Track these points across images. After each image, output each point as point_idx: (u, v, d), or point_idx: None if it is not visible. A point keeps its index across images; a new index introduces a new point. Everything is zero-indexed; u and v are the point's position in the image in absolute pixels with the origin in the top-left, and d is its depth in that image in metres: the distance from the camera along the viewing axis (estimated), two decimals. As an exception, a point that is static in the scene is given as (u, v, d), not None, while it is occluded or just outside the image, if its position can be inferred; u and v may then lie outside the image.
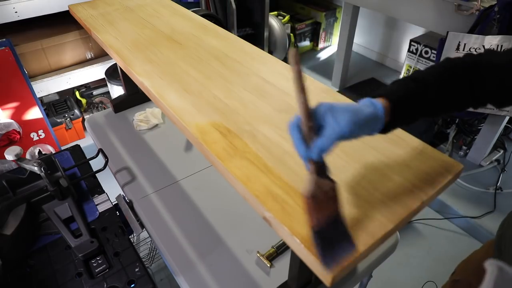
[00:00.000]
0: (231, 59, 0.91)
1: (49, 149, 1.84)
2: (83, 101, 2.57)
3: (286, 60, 3.23)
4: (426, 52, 2.36)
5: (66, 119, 2.36)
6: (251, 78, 0.83)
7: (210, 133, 0.67)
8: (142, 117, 1.27)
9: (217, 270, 0.82)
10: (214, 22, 1.14)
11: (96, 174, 1.04)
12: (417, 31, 2.73)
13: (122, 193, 1.05)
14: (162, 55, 0.92)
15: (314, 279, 0.74)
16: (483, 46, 1.65)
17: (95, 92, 2.61)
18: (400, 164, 0.60)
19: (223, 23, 2.56)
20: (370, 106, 0.50)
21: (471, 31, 1.70)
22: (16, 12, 1.95)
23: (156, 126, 1.27)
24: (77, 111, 2.41)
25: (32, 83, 2.00)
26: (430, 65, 0.59)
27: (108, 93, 2.55)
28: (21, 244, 0.85)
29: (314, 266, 0.47)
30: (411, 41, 2.43)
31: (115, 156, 1.14)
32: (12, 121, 1.91)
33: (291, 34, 3.23)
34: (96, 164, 1.05)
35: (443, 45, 1.80)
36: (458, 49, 1.75)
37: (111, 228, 0.91)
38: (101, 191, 1.02)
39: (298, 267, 0.67)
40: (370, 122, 0.49)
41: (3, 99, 1.87)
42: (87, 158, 1.08)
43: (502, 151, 2.19)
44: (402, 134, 0.67)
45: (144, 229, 0.95)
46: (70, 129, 2.40)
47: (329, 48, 3.64)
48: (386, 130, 0.53)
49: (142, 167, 1.10)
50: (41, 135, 2.07)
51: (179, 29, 1.06)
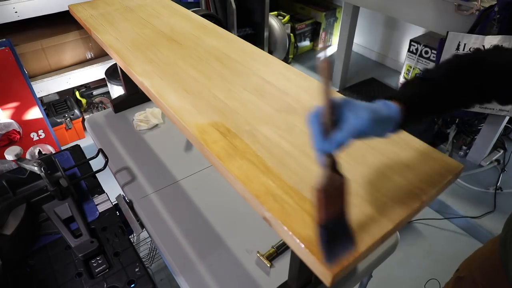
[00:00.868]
0: (231, 59, 0.91)
1: (49, 149, 1.84)
2: (83, 101, 2.57)
3: (286, 60, 3.24)
4: (426, 52, 2.36)
5: (66, 119, 2.36)
6: (251, 78, 0.83)
7: (210, 133, 0.67)
8: (142, 117, 1.27)
9: (217, 270, 0.82)
10: (214, 22, 1.14)
11: (96, 174, 1.04)
12: (417, 31, 2.73)
13: (122, 193, 1.05)
14: (162, 55, 0.92)
15: (314, 279, 0.74)
16: (483, 46, 1.65)
17: (95, 92, 2.61)
18: (400, 164, 0.60)
19: (223, 23, 2.56)
20: (386, 107, 0.50)
21: (471, 31, 1.70)
22: (16, 12, 1.95)
23: (156, 126, 1.27)
24: (77, 111, 2.41)
25: (32, 83, 2.00)
26: (439, 63, 0.59)
27: (108, 93, 2.55)
28: (21, 244, 0.85)
29: (314, 266, 0.47)
30: (411, 41, 2.43)
31: (115, 156, 1.14)
32: (12, 121, 1.91)
33: (291, 34, 3.23)
34: (96, 164, 1.05)
35: (443, 45, 1.80)
36: (458, 49, 1.75)
37: (111, 228, 0.91)
38: (101, 191, 1.02)
39: (298, 267, 0.67)
40: (385, 122, 0.50)
41: (3, 99, 1.87)
42: (87, 158, 1.08)
43: (502, 151, 2.19)
44: (402, 134, 0.67)
45: (144, 229, 0.95)
46: (70, 129, 2.40)
47: (329, 48, 3.64)
48: (395, 130, 0.53)
49: (142, 167, 1.10)
50: (41, 135, 2.07)
51: (179, 29, 1.06)
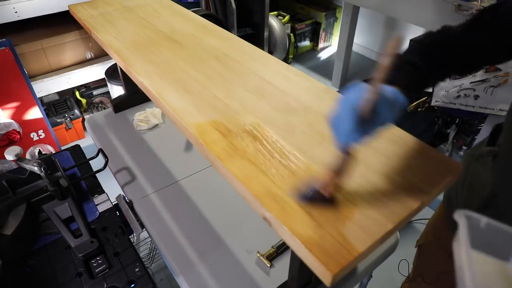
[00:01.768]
0: (231, 59, 0.91)
1: (49, 149, 1.85)
2: (83, 101, 2.57)
3: (286, 60, 3.24)
4: (426, 52, 2.36)
5: (66, 119, 2.36)
6: (251, 78, 0.83)
7: (210, 133, 0.67)
8: (142, 117, 1.27)
9: (217, 270, 0.82)
10: (214, 22, 1.14)
11: (96, 174, 1.04)
12: (417, 31, 2.73)
13: (122, 193, 1.05)
14: (162, 55, 0.92)
15: (314, 279, 0.74)
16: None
17: (95, 92, 2.61)
18: (400, 164, 0.60)
19: (223, 23, 2.56)
20: (398, 96, 0.50)
21: (471, 31, 1.69)
22: (16, 12, 1.95)
23: (156, 126, 1.27)
24: (77, 111, 2.41)
25: (32, 83, 2.00)
26: (405, 49, 0.65)
27: (108, 93, 2.55)
28: (21, 244, 0.85)
29: (314, 266, 0.47)
30: (411, 41, 2.43)
31: (115, 156, 1.14)
32: (12, 121, 1.91)
33: (291, 34, 3.23)
34: (96, 164, 1.05)
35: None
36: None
37: (111, 228, 0.91)
38: (101, 191, 1.02)
39: (298, 267, 0.67)
40: (399, 110, 0.51)
41: (3, 99, 1.87)
42: (87, 158, 1.08)
43: (502, 151, 2.18)
44: (402, 134, 0.67)
45: (144, 229, 0.95)
46: (70, 129, 2.40)
47: (329, 48, 3.64)
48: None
49: (142, 167, 1.10)
50: (41, 135, 2.07)
51: (179, 29, 1.06)
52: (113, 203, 0.99)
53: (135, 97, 1.34)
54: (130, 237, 0.91)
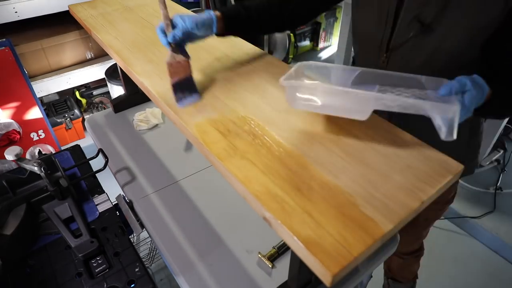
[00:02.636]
0: (231, 59, 0.91)
1: (49, 149, 1.85)
2: (83, 101, 2.57)
3: (286, 60, 3.24)
4: (426, 52, 2.36)
5: (66, 119, 2.36)
6: (251, 78, 0.83)
7: (210, 133, 0.67)
8: (142, 117, 1.27)
9: (217, 270, 0.82)
10: (214, 22, 1.14)
11: (96, 174, 1.04)
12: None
13: (122, 193, 1.05)
14: (162, 55, 0.92)
15: (314, 279, 0.74)
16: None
17: (95, 92, 2.61)
18: (400, 164, 0.60)
19: (223, 23, 2.56)
20: (207, 14, 0.76)
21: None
22: (16, 12, 1.95)
23: (156, 126, 1.27)
24: (77, 111, 2.41)
25: (32, 83, 2.00)
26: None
27: (108, 93, 2.55)
28: (21, 244, 0.85)
29: (314, 266, 0.47)
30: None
31: (115, 156, 1.14)
32: (12, 121, 1.91)
33: (291, 34, 3.23)
34: (96, 164, 1.05)
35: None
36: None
37: (111, 228, 0.91)
38: (101, 191, 1.02)
39: (298, 267, 0.67)
40: (206, 24, 0.76)
41: (3, 99, 1.87)
42: (87, 158, 1.08)
43: (502, 151, 2.19)
44: (402, 134, 0.67)
45: (144, 229, 0.95)
46: (70, 129, 2.40)
47: (329, 48, 3.64)
48: (222, 35, 0.82)
49: (142, 167, 1.10)
50: (41, 135, 2.07)
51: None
52: (113, 203, 0.99)
53: (135, 97, 1.34)
54: (130, 237, 0.91)
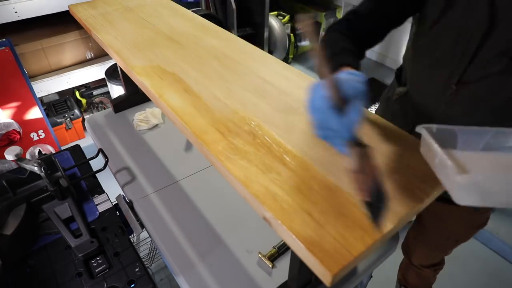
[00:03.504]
0: (231, 59, 0.91)
1: (49, 149, 1.85)
2: (83, 101, 2.57)
3: (286, 60, 3.24)
4: (426, 52, 2.36)
5: (66, 119, 2.36)
6: (251, 78, 0.83)
7: (210, 133, 0.67)
8: (142, 117, 1.27)
9: (217, 270, 0.82)
10: (214, 22, 1.14)
11: (96, 174, 1.04)
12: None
13: (122, 193, 1.05)
14: (162, 55, 0.92)
15: (314, 279, 0.74)
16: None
17: (95, 92, 2.61)
18: (400, 164, 0.60)
19: (223, 23, 2.56)
20: (356, 73, 0.53)
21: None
22: (16, 12, 1.95)
23: (156, 126, 1.27)
24: (77, 111, 2.41)
25: (32, 83, 2.00)
26: (328, 39, 0.73)
27: (108, 93, 2.55)
28: (21, 244, 0.85)
29: (314, 266, 0.47)
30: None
31: (115, 156, 1.14)
32: (12, 121, 1.91)
33: (291, 34, 3.23)
34: (96, 164, 1.05)
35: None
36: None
37: (111, 228, 0.91)
38: (101, 191, 1.02)
39: (298, 267, 0.67)
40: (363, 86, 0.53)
41: (3, 99, 1.87)
42: (87, 158, 1.08)
43: (502, 151, 2.18)
44: (402, 134, 0.67)
45: (144, 229, 0.95)
46: (70, 129, 2.40)
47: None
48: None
49: (142, 167, 1.10)
50: (41, 135, 2.07)
51: (179, 29, 1.06)
52: (113, 203, 0.99)
53: (135, 97, 1.34)
54: (130, 237, 0.91)
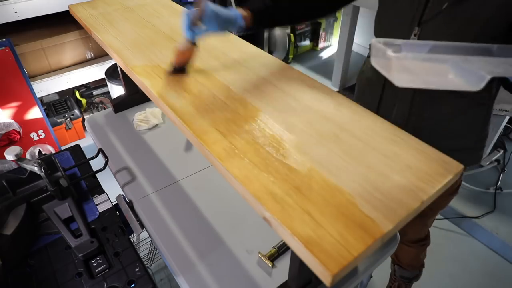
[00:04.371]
0: (231, 59, 0.91)
1: (49, 149, 1.85)
2: (83, 101, 2.57)
3: (286, 60, 3.24)
4: (426, 52, 2.36)
5: (66, 119, 2.36)
6: (251, 78, 0.83)
7: (210, 133, 0.67)
8: (142, 117, 1.27)
9: (217, 270, 0.82)
10: (214, 22, 1.14)
11: (96, 174, 1.04)
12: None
13: (122, 193, 1.05)
14: (162, 55, 0.92)
15: (314, 279, 0.74)
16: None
17: (95, 92, 2.61)
18: (400, 164, 0.60)
19: (223, 23, 2.56)
20: (234, 13, 0.79)
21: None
22: (16, 12, 1.95)
23: (156, 126, 1.27)
24: (77, 111, 2.41)
25: (32, 83, 2.00)
26: None
27: (108, 93, 2.55)
28: (21, 244, 0.85)
29: (314, 266, 0.47)
30: None
31: (115, 156, 1.14)
32: (12, 121, 1.91)
33: (291, 34, 3.23)
34: (96, 164, 1.05)
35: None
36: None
37: (111, 228, 0.91)
38: (101, 191, 1.02)
39: (298, 267, 0.67)
40: (232, 24, 0.80)
41: (3, 99, 1.87)
42: (87, 158, 1.08)
43: (502, 151, 2.19)
44: (402, 134, 0.67)
45: (144, 229, 0.95)
46: (70, 129, 2.40)
47: (329, 48, 3.64)
48: (250, 30, 0.84)
49: (142, 167, 1.10)
50: (41, 135, 2.07)
51: (179, 29, 1.06)
52: (113, 203, 0.99)
53: (135, 97, 1.34)
54: (130, 237, 0.91)
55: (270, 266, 0.81)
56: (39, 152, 1.04)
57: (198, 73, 0.85)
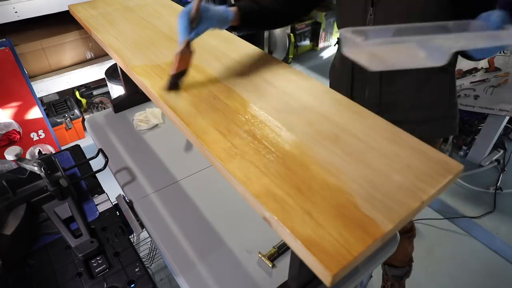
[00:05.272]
0: (231, 59, 0.91)
1: (49, 149, 1.85)
2: (83, 101, 2.57)
3: (286, 60, 3.24)
4: (426, 52, 2.36)
5: (66, 119, 2.36)
6: (251, 78, 0.83)
7: (210, 133, 0.67)
8: (142, 117, 1.27)
9: (217, 270, 0.82)
10: (214, 22, 1.15)
11: (96, 174, 1.04)
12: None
13: (122, 193, 1.05)
14: (162, 55, 0.92)
15: (314, 279, 0.74)
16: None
17: (95, 92, 2.61)
18: (400, 164, 0.60)
19: (223, 23, 2.56)
20: (225, 10, 0.82)
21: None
22: (16, 12, 1.95)
23: (156, 126, 1.27)
24: (77, 111, 2.41)
25: (32, 83, 2.00)
26: None
27: (108, 93, 2.55)
28: (21, 244, 0.85)
29: (314, 266, 0.47)
30: None
31: (115, 156, 1.14)
32: (12, 121, 1.91)
33: (291, 34, 3.23)
34: (96, 164, 1.05)
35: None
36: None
37: (111, 228, 0.91)
38: (101, 191, 1.02)
39: (298, 267, 0.67)
40: (225, 21, 0.83)
41: (3, 99, 1.87)
42: (87, 158, 1.08)
43: (502, 151, 2.19)
44: (402, 134, 0.67)
45: (144, 229, 0.95)
46: (70, 129, 2.40)
47: (329, 48, 3.64)
48: (237, 29, 0.89)
49: (142, 167, 1.10)
50: (41, 135, 2.07)
51: (179, 29, 1.06)
52: (113, 203, 0.99)
53: (135, 97, 1.34)
54: (130, 237, 0.91)
55: (270, 266, 0.81)
56: (39, 152, 1.04)
57: (198, 73, 0.85)
